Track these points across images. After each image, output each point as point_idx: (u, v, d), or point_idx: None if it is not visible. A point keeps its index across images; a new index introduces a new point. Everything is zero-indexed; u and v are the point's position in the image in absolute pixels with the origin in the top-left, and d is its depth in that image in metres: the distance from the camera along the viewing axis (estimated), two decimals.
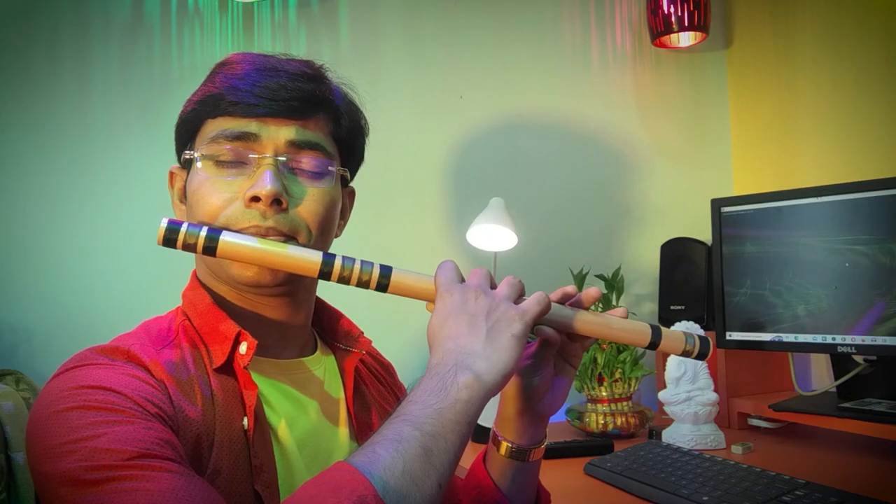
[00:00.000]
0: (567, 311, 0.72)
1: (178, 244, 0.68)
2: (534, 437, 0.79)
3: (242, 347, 0.69)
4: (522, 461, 0.79)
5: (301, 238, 0.72)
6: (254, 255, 0.68)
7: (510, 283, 0.68)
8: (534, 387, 0.76)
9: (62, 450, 0.56)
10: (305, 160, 0.73)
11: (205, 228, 0.68)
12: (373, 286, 0.69)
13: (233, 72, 0.73)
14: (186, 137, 0.76)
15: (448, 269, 0.68)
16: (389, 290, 0.70)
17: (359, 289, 0.70)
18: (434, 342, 0.64)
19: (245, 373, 0.68)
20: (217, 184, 0.71)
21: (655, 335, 0.73)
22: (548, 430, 0.82)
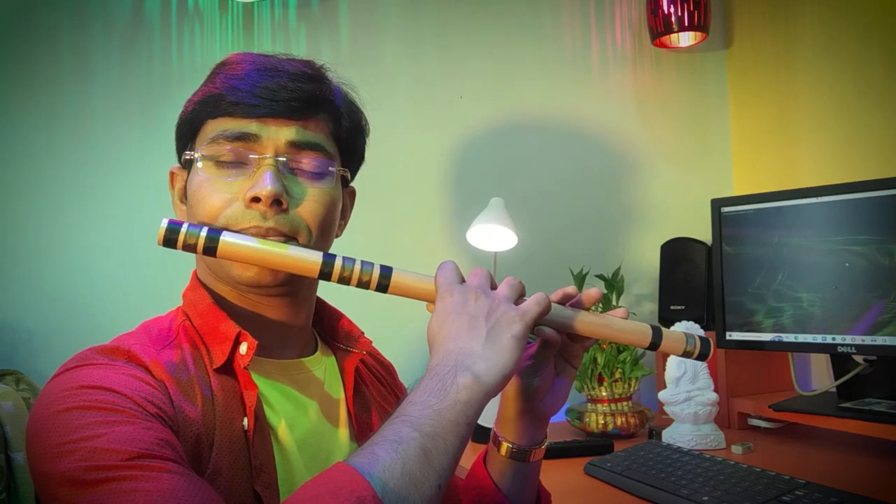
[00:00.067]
0: (567, 312, 0.72)
1: (179, 244, 0.68)
2: (534, 438, 0.79)
3: (242, 348, 0.69)
4: (523, 462, 0.79)
5: (301, 238, 0.72)
6: (254, 256, 0.68)
7: (510, 284, 0.68)
8: (534, 387, 0.76)
9: (62, 450, 0.56)
10: (306, 161, 0.73)
11: (205, 229, 0.68)
12: (373, 287, 0.69)
13: (233, 72, 0.73)
14: (187, 138, 0.76)
15: (448, 270, 0.68)
16: (390, 291, 0.70)
17: (359, 289, 0.70)
18: (434, 343, 0.64)
19: (245, 373, 0.68)
20: (217, 184, 0.71)
21: (656, 336, 0.73)
22: (548, 431, 0.82)
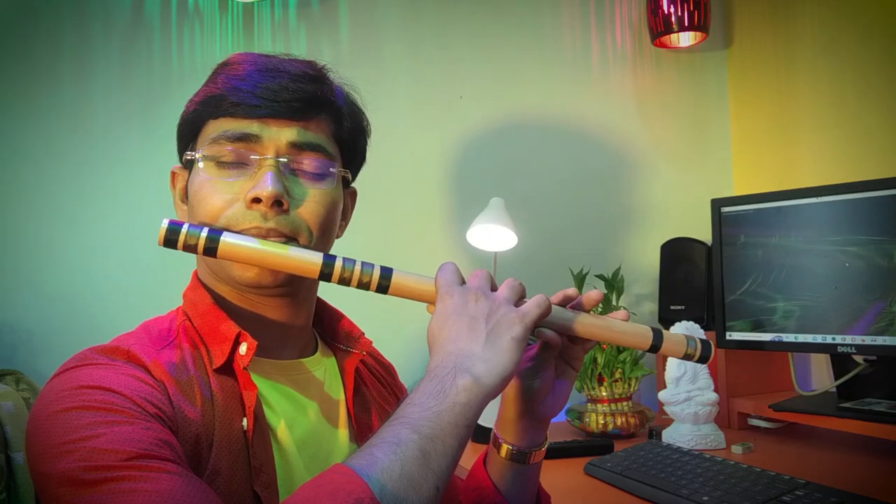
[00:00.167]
0: (568, 314, 0.72)
1: (179, 245, 0.68)
2: (534, 440, 0.79)
3: (242, 348, 0.69)
4: (523, 463, 0.79)
5: (302, 239, 0.72)
6: (254, 257, 0.68)
7: (510, 286, 0.68)
8: (534, 389, 0.76)
9: (61, 450, 0.56)
10: (307, 161, 0.73)
11: (206, 229, 0.68)
12: (373, 288, 0.69)
13: (234, 72, 0.73)
14: (188, 138, 0.76)
15: (448, 272, 0.68)
16: (390, 292, 0.70)
17: (360, 290, 0.70)
18: (434, 344, 0.64)
19: (245, 373, 0.68)
20: (218, 185, 0.71)
21: (657, 338, 0.72)
22: (548, 431, 0.81)
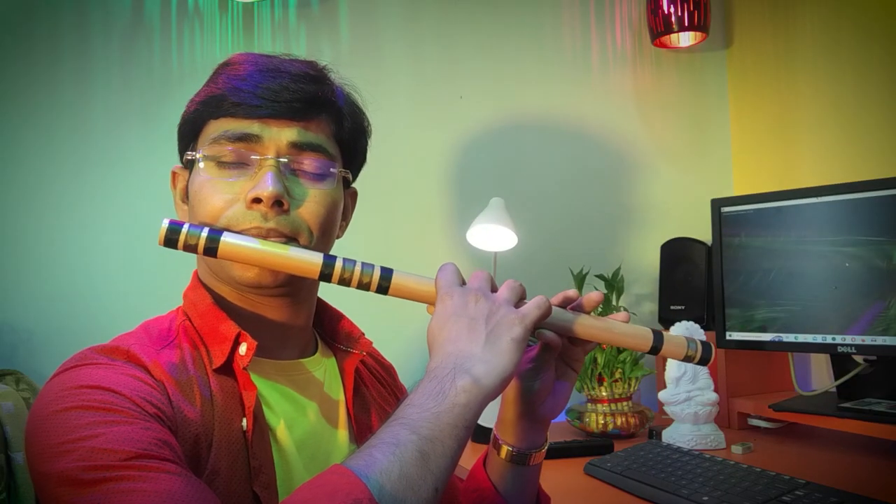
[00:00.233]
0: (568, 316, 0.71)
1: (180, 245, 0.68)
2: (534, 441, 0.79)
3: (242, 348, 0.69)
4: (523, 465, 0.78)
5: (302, 239, 0.72)
6: (255, 257, 0.68)
7: (511, 287, 0.68)
8: (535, 390, 0.75)
9: (60, 449, 0.56)
10: (307, 162, 0.73)
11: (206, 229, 0.68)
12: (373, 288, 0.69)
13: (235, 72, 0.73)
14: (189, 137, 0.76)
15: (449, 272, 0.68)
16: (390, 293, 0.70)
17: (360, 290, 0.70)
18: (433, 345, 0.64)
19: (244, 374, 0.68)
20: (219, 185, 0.71)
21: (657, 340, 0.72)
22: (548, 432, 0.81)
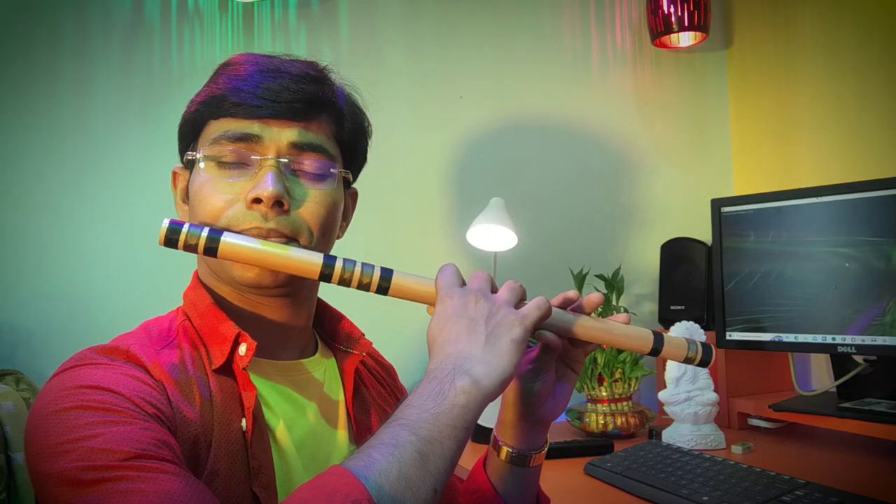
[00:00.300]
0: (568, 317, 0.71)
1: (180, 245, 0.68)
2: (534, 443, 0.78)
3: (242, 348, 0.69)
4: (522, 466, 0.78)
5: (302, 240, 0.72)
6: (255, 257, 0.68)
7: (511, 288, 0.68)
8: (535, 392, 0.75)
9: (59, 449, 0.56)
10: (307, 162, 0.73)
11: (206, 229, 0.68)
12: (373, 289, 0.69)
13: (236, 73, 0.73)
14: (189, 138, 0.76)
15: (449, 273, 0.68)
16: (390, 293, 0.70)
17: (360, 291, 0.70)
18: (433, 346, 0.64)
19: (244, 374, 0.68)
20: (219, 185, 0.71)
21: (657, 342, 0.72)
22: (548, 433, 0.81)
